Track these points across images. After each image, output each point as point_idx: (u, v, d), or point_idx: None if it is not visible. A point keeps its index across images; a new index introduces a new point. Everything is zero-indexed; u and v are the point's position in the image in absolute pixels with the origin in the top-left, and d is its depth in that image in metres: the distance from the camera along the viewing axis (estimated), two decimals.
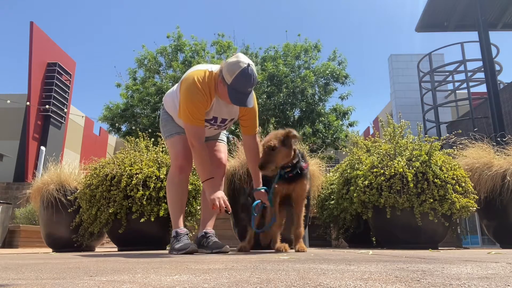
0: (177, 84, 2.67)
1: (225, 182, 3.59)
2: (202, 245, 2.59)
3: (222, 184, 2.79)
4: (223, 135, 2.98)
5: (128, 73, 15.36)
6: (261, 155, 2.48)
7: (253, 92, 2.45)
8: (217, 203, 2.36)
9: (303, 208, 2.64)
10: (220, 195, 2.41)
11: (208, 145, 2.80)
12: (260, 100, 13.63)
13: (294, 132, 2.44)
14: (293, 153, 2.48)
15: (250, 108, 2.50)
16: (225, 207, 2.38)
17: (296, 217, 2.64)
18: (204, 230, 2.66)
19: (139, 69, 15.29)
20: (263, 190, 2.66)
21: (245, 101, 2.34)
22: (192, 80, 2.39)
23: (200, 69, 2.47)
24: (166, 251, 3.22)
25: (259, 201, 2.63)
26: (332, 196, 4.14)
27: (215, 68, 2.46)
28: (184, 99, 2.40)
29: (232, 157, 3.62)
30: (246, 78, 2.27)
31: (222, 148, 2.88)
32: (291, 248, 2.72)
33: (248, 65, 2.28)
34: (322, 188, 4.33)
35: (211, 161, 2.66)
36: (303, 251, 2.50)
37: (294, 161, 2.52)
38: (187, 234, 2.57)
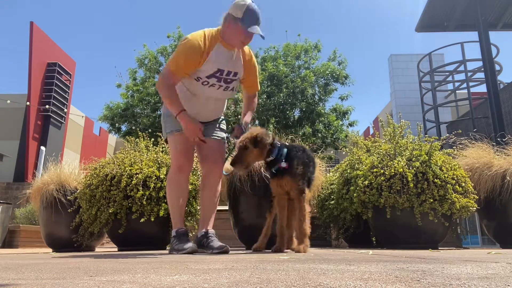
0: None
1: (225, 183, 3.59)
2: (202, 245, 2.57)
3: (219, 183, 2.79)
4: (221, 132, 2.87)
5: (128, 73, 15.37)
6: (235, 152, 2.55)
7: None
8: (193, 139, 2.50)
9: (302, 205, 2.55)
10: (195, 130, 2.48)
11: (208, 142, 2.73)
12: (260, 100, 13.62)
13: (262, 134, 2.49)
14: (266, 152, 2.52)
15: (253, 64, 2.73)
16: (201, 139, 2.51)
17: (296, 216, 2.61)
18: (204, 230, 2.64)
19: (140, 69, 15.30)
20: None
21: (259, 30, 2.49)
22: (188, 36, 2.53)
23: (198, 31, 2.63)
24: (166, 251, 3.22)
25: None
26: (332, 196, 4.14)
27: (212, 29, 2.61)
28: (176, 51, 2.52)
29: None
30: (254, 10, 2.49)
31: (216, 146, 2.80)
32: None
33: (252, 0, 2.51)
34: (322, 188, 4.33)
35: (206, 160, 2.72)
36: (299, 252, 2.41)
37: (268, 159, 2.54)
38: (187, 234, 2.57)
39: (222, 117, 2.95)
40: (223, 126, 2.92)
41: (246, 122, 2.81)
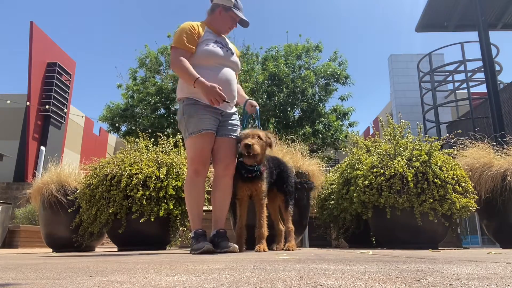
0: None
1: None
2: (214, 245, 2.62)
3: (231, 185, 2.80)
4: (236, 129, 2.89)
5: (128, 73, 15.37)
6: (249, 140, 2.67)
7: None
8: (215, 99, 2.57)
9: (264, 209, 2.84)
10: (213, 93, 2.57)
11: (223, 141, 2.77)
12: (260, 100, 13.63)
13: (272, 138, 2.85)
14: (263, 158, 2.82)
15: (239, 56, 3.07)
16: (223, 98, 2.59)
17: (257, 217, 2.85)
18: (216, 230, 2.72)
19: (140, 69, 15.31)
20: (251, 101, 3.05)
21: (243, 15, 2.94)
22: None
23: None
24: (166, 251, 3.23)
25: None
26: (332, 196, 4.14)
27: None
28: (174, 35, 2.83)
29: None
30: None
31: (231, 146, 2.81)
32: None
33: None
34: (322, 188, 4.33)
35: (220, 161, 2.77)
36: (259, 251, 2.64)
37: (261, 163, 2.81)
38: (204, 235, 2.64)
39: (235, 110, 3.00)
40: (237, 122, 2.94)
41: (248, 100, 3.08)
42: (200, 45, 2.76)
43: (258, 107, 3.08)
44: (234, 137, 2.85)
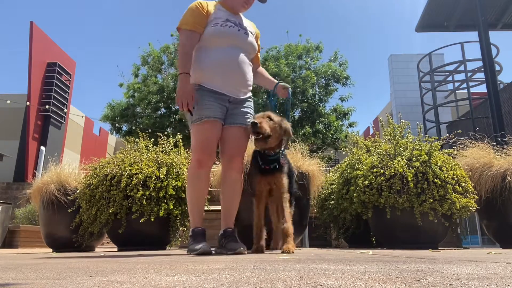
0: None
1: None
2: (221, 245, 2.46)
3: (238, 180, 2.58)
4: (247, 118, 2.63)
5: (132, 70, 15.35)
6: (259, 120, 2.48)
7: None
8: (180, 102, 2.37)
9: (287, 203, 2.62)
10: (186, 95, 2.37)
11: (228, 130, 2.57)
12: (260, 101, 13.64)
13: (290, 131, 2.68)
14: (278, 143, 2.61)
15: (259, 37, 2.86)
16: (187, 108, 2.38)
17: (280, 214, 2.62)
18: (223, 229, 2.52)
19: (142, 67, 15.31)
20: (281, 84, 2.87)
21: None
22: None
23: None
24: (166, 251, 3.22)
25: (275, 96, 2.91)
26: (332, 196, 4.14)
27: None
28: (182, 16, 2.60)
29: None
30: None
31: (239, 135, 2.59)
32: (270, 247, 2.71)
33: None
34: (322, 188, 4.33)
35: (227, 151, 2.57)
36: (288, 252, 2.34)
37: (277, 150, 2.63)
38: (203, 234, 2.44)
39: (250, 95, 2.73)
40: (249, 109, 2.67)
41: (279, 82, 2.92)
42: (209, 24, 2.54)
43: (290, 89, 2.89)
44: (242, 125, 2.56)
